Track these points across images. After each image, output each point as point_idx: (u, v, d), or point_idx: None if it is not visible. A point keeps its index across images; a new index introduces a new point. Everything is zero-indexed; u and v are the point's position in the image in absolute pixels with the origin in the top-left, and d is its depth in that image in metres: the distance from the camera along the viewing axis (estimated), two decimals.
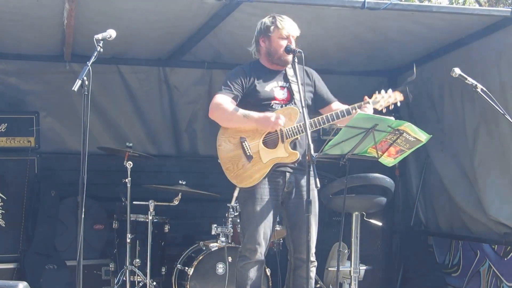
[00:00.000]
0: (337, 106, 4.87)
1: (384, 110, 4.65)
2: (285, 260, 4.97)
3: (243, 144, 4.66)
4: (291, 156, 4.60)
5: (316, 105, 4.92)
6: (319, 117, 4.59)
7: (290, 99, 4.75)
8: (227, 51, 7.25)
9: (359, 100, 4.69)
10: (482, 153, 6.51)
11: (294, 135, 4.59)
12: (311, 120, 4.53)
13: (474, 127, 6.62)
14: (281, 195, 4.72)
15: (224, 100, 4.67)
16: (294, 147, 4.65)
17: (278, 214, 4.82)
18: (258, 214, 4.63)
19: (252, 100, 4.70)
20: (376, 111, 4.60)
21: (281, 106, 4.72)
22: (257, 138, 4.65)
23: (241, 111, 4.62)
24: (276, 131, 4.61)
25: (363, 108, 4.57)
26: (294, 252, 4.79)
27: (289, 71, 4.79)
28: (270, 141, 4.64)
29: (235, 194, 5.42)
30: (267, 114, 4.57)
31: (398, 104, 4.61)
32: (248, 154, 4.65)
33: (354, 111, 4.57)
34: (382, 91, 4.60)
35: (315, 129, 4.59)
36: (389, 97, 4.61)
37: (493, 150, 6.35)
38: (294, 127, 4.59)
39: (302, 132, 4.56)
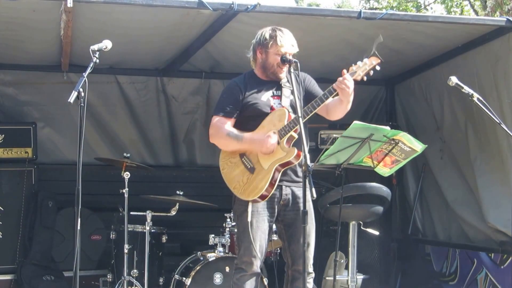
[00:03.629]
0: (329, 101, 4.68)
1: (365, 79, 4.50)
2: (283, 270, 4.95)
3: (243, 159, 4.65)
4: (289, 153, 4.49)
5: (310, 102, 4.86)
6: (305, 108, 4.51)
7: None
8: (224, 61, 7.26)
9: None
10: (481, 161, 6.53)
11: (286, 133, 4.54)
12: (296, 115, 4.46)
13: (473, 135, 6.63)
14: (277, 208, 4.69)
15: (219, 125, 4.65)
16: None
17: (272, 226, 4.80)
18: (254, 227, 4.60)
19: (251, 112, 4.66)
20: (357, 82, 4.49)
21: None
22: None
23: (234, 133, 4.60)
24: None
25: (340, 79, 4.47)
26: (292, 264, 4.74)
27: (283, 79, 4.76)
28: None
29: (249, 210, 5.32)
30: (260, 138, 4.52)
31: (377, 68, 4.49)
32: (250, 166, 4.62)
33: (333, 88, 4.44)
34: (358, 62, 4.52)
35: (305, 118, 4.50)
36: (365, 64, 4.46)
37: (492, 159, 6.36)
38: (284, 126, 4.53)
39: (293, 128, 4.47)
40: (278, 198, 4.67)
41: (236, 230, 4.96)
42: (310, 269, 4.63)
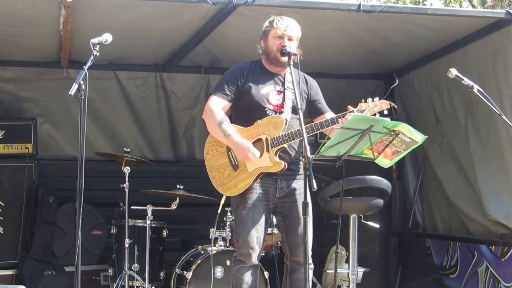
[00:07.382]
0: (330, 116, 4.79)
1: None
2: (284, 263, 4.96)
3: (229, 153, 4.67)
4: (276, 166, 4.57)
5: (311, 114, 4.90)
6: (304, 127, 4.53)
7: (284, 105, 4.73)
8: (224, 56, 7.25)
9: (356, 105, 4.66)
10: (481, 154, 6.54)
11: (279, 145, 4.56)
12: (295, 129, 4.51)
13: (473, 128, 6.64)
14: (273, 201, 4.70)
15: (216, 107, 4.65)
16: (280, 155, 4.62)
17: (270, 218, 4.81)
18: (250, 219, 4.63)
19: (247, 102, 4.68)
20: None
21: (275, 112, 4.68)
22: None
23: (226, 127, 4.60)
24: (261, 140, 4.60)
25: (347, 118, 4.52)
26: (290, 255, 4.77)
27: (288, 77, 4.74)
28: None
29: (222, 202, 5.46)
30: (245, 145, 4.54)
31: (385, 112, 4.56)
32: (234, 163, 4.65)
33: (338, 120, 4.54)
34: (369, 100, 4.55)
35: (298, 139, 4.57)
36: (375, 106, 4.53)
37: (492, 151, 6.37)
38: (279, 136, 4.55)
39: (287, 142, 4.54)
40: (273, 191, 4.69)
41: (234, 223, 4.97)
42: (309, 260, 4.64)
